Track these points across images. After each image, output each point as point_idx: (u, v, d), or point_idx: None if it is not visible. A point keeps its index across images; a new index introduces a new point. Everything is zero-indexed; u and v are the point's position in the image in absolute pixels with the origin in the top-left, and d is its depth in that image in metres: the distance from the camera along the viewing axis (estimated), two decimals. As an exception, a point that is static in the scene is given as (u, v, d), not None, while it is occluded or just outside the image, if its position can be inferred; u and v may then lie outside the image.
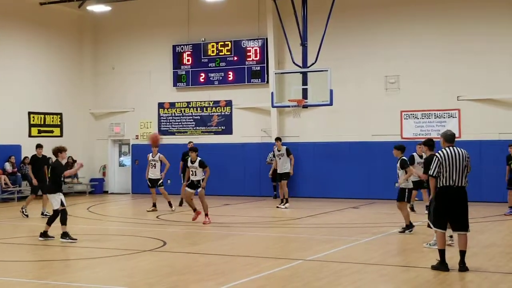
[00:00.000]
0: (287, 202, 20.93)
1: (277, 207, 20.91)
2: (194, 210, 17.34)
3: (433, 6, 23.52)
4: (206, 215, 17.00)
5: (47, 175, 14.70)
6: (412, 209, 18.03)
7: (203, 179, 16.97)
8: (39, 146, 19.64)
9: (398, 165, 14.99)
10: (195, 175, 17.03)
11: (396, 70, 23.89)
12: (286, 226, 16.24)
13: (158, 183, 20.42)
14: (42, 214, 19.00)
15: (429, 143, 13.12)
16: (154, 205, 20.31)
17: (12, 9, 25.90)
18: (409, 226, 14.84)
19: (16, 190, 24.62)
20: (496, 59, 22.53)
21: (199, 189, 16.92)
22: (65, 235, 13.91)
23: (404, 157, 15.12)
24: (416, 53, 23.59)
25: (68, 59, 28.41)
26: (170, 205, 20.18)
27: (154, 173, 20.55)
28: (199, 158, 17.12)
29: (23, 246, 13.92)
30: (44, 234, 14.18)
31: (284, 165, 21.17)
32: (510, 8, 22.44)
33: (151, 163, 20.55)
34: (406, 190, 14.83)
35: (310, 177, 24.58)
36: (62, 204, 14.08)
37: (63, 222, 13.97)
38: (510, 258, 11.72)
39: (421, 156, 18.07)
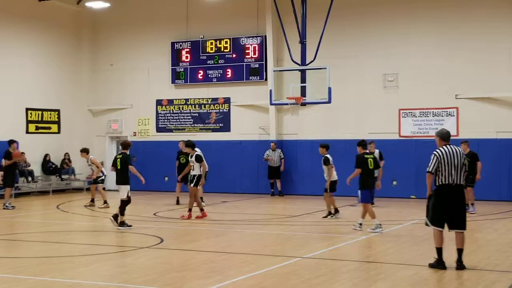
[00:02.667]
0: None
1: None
2: (201, 210, 17.63)
3: (432, 4, 23.50)
4: (189, 210, 17.47)
5: (118, 166, 15.69)
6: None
7: (200, 175, 17.38)
8: None
9: (322, 162, 17.08)
10: (193, 169, 17.47)
11: (394, 68, 23.89)
12: (283, 224, 16.25)
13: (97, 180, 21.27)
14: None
15: (362, 143, 15.07)
16: (92, 200, 21.41)
17: (10, 5, 25.83)
18: (331, 213, 17.00)
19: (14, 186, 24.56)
20: (495, 57, 22.52)
21: (190, 185, 17.44)
22: (122, 223, 15.49)
23: (327, 155, 16.95)
24: (414, 52, 23.59)
25: (66, 55, 28.36)
26: (92, 201, 21.30)
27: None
28: (196, 153, 17.52)
29: (21, 243, 13.92)
30: (122, 223, 15.56)
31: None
32: (508, 6, 22.44)
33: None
34: (329, 183, 16.97)
35: (308, 175, 24.58)
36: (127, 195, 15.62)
37: (122, 212, 15.52)
38: (507, 257, 11.74)
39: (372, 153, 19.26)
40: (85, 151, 21.41)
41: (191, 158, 17.54)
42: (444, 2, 23.41)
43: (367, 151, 15.45)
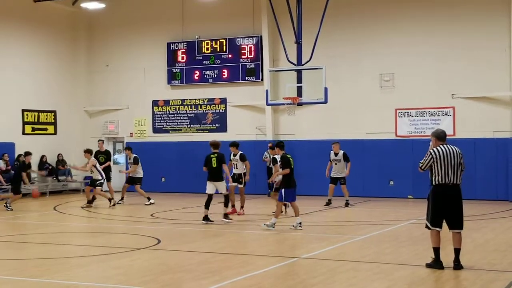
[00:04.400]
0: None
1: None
2: (233, 205, 18.42)
3: (427, 3, 23.51)
4: (242, 207, 18.64)
5: (213, 164, 16.62)
6: (328, 203, 20.47)
7: (244, 173, 18.62)
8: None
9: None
10: (237, 168, 18.61)
11: (390, 68, 23.89)
12: (280, 224, 16.21)
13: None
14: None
15: (280, 145, 15.68)
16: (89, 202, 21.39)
17: (5, 6, 25.77)
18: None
19: (10, 188, 24.50)
20: (491, 57, 22.52)
21: (240, 185, 18.55)
22: (226, 216, 16.65)
23: (275, 156, 16.97)
24: (410, 51, 23.59)
25: (62, 56, 28.32)
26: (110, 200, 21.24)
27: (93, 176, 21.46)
28: (240, 152, 18.69)
29: (18, 244, 13.88)
30: (205, 218, 16.45)
31: None
32: (504, 5, 22.44)
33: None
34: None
35: (305, 175, 24.49)
36: (227, 189, 16.90)
37: (226, 205, 16.78)
38: (504, 256, 11.74)
39: (336, 154, 20.52)
40: (88, 152, 21.46)
41: (234, 156, 18.65)
42: (440, 1, 23.42)
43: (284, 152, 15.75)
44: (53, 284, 9.67)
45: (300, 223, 15.37)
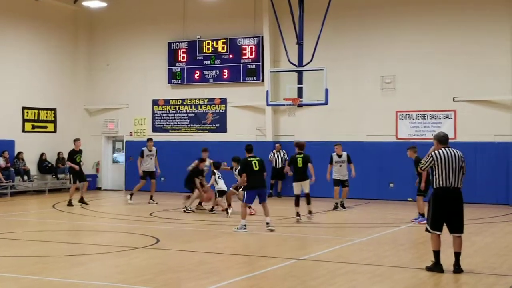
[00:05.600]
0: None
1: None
2: (229, 204, 18.67)
3: (429, 7, 23.49)
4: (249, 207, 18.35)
5: (299, 164, 17.19)
6: (336, 207, 20.12)
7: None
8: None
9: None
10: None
11: (392, 71, 23.86)
12: (280, 225, 16.19)
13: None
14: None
15: (247, 148, 15.73)
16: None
17: (6, 4, 25.75)
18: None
19: (9, 185, 24.51)
20: (492, 60, 22.49)
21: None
22: (310, 212, 17.25)
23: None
24: (412, 54, 23.56)
25: (62, 54, 28.29)
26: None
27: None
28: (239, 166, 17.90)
29: (17, 242, 13.85)
30: (298, 214, 17.03)
31: None
32: (505, 9, 22.42)
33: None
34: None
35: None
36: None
37: (308, 202, 17.25)
38: (505, 260, 11.72)
39: (340, 156, 19.98)
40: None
41: (235, 171, 18.66)
42: (442, 4, 23.40)
43: (252, 154, 15.77)
44: (52, 282, 9.64)
45: (268, 223, 15.35)
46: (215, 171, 19.39)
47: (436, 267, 10.46)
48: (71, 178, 21.89)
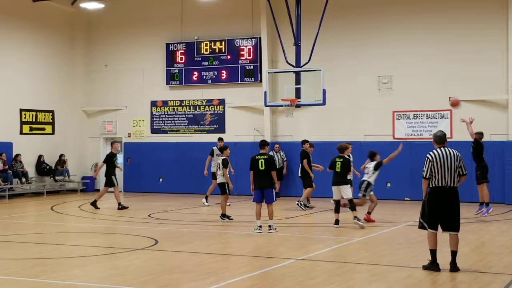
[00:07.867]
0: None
1: None
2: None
3: (426, 6, 23.57)
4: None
5: (337, 169, 16.52)
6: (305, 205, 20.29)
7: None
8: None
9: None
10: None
11: (389, 71, 23.93)
12: (278, 225, 16.22)
13: None
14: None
15: (259, 144, 15.76)
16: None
17: (3, 6, 25.76)
18: (225, 216, 17.17)
19: (7, 187, 24.54)
20: (488, 60, 22.57)
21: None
22: (356, 218, 16.15)
23: (225, 157, 17.55)
24: (409, 54, 23.64)
25: (60, 56, 28.31)
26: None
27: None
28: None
29: (15, 244, 13.88)
30: (336, 222, 16.28)
31: None
32: (501, 8, 22.48)
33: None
34: (226, 184, 17.50)
35: (303, 177, 24.54)
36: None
37: (353, 208, 16.29)
38: (501, 259, 11.77)
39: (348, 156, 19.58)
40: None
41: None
42: (437, 4, 23.47)
43: (264, 151, 15.69)
44: (50, 284, 9.67)
45: (260, 226, 15.21)
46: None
47: (433, 266, 10.52)
48: (108, 181, 21.16)
